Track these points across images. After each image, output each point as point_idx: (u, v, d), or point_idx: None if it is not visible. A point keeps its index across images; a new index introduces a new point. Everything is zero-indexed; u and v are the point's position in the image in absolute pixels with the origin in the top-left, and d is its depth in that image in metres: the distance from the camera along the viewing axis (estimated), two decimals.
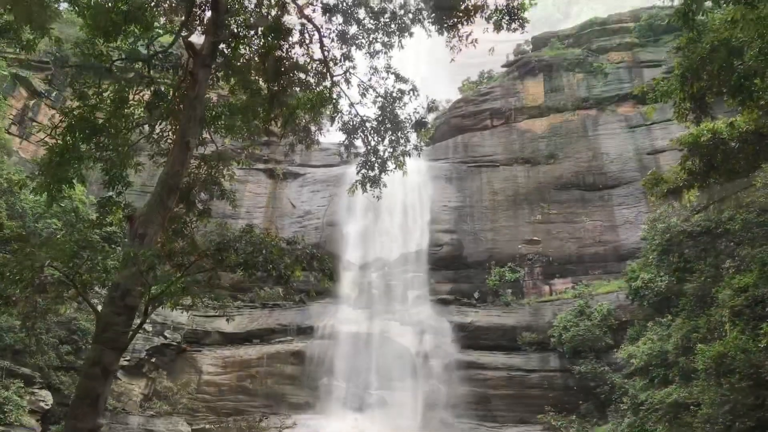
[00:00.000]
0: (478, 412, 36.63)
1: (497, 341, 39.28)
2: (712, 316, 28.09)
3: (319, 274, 15.39)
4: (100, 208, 17.11)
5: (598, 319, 36.90)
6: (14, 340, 32.11)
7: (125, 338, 14.02)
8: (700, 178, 18.05)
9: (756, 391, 23.43)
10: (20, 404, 30.69)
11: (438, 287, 42.81)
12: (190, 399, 37.03)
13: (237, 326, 39.63)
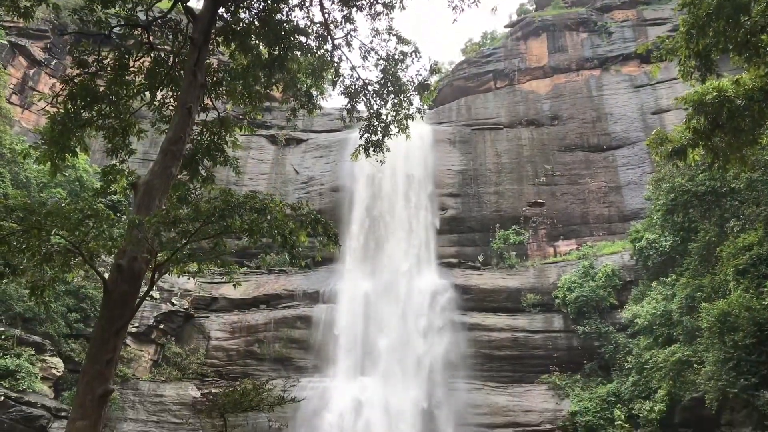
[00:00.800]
0: (483, 373, 37.04)
1: (502, 303, 39.53)
2: (717, 275, 28.21)
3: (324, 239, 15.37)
4: (104, 176, 17.06)
5: (602, 280, 37.05)
6: (24, 309, 32.48)
7: (132, 305, 14.13)
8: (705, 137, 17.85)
9: (759, 348, 23.66)
10: (32, 371, 31.17)
11: (442, 251, 42.92)
12: (199, 364, 37.51)
13: (244, 292, 39.92)
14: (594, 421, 32.54)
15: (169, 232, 13.24)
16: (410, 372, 36.83)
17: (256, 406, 13.30)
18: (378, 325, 38.41)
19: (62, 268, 14.56)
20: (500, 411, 35.29)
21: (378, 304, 39.17)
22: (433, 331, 38.09)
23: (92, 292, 35.33)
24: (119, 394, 34.27)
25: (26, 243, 13.63)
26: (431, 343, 37.78)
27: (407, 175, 44.56)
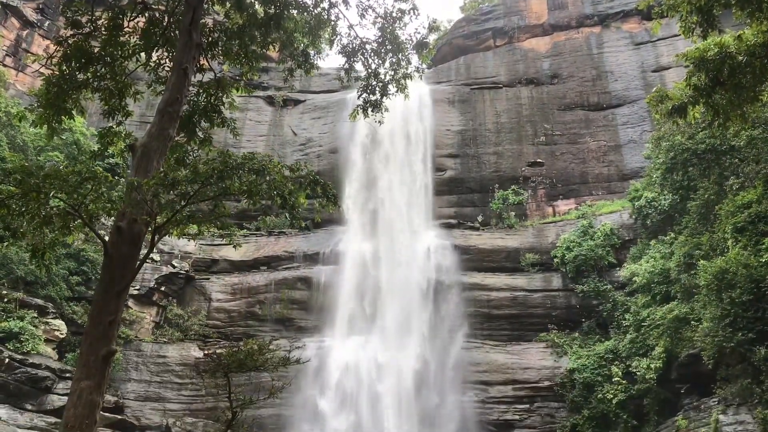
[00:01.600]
0: (483, 332, 37.42)
1: (501, 263, 39.73)
2: (715, 233, 28.32)
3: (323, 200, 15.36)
4: (101, 138, 16.99)
5: (601, 239, 37.19)
6: (25, 272, 32.65)
7: (133, 267, 14.19)
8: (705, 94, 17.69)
9: (756, 305, 23.89)
10: (36, 333, 31.49)
11: (442, 211, 42.96)
12: (201, 325, 37.86)
13: (244, 254, 40.06)
14: (592, 378, 32.98)
15: (168, 194, 13.23)
16: (410, 331, 37.21)
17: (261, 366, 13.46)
18: (378, 285, 38.65)
19: (62, 230, 14.59)
20: (499, 368, 35.74)
21: (377, 265, 39.36)
22: (432, 291, 38.34)
23: (93, 255, 35.46)
24: (122, 356, 34.66)
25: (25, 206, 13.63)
26: (430, 302, 38.07)
27: (406, 136, 44.36)
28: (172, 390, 35.16)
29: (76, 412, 12.65)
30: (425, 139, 44.54)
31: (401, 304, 37.95)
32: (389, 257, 39.61)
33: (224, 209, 14.89)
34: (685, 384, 28.99)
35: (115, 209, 14.37)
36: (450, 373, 35.60)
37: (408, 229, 41.25)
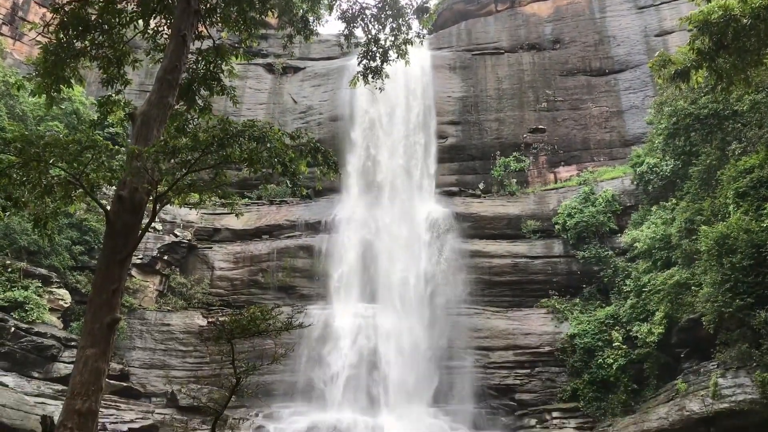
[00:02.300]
0: (484, 298, 37.64)
1: (502, 230, 39.80)
2: (716, 199, 28.30)
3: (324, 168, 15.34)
4: (100, 107, 16.90)
5: (602, 205, 37.19)
6: (28, 242, 32.78)
7: (135, 236, 14.24)
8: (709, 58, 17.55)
9: (756, 270, 23.98)
10: (40, 303, 31.73)
11: (443, 179, 42.89)
12: (204, 294, 38.09)
13: (246, 223, 40.15)
14: (592, 343, 33.26)
15: (169, 162, 13.21)
16: (411, 298, 37.44)
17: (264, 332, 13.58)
18: (379, 253, 38.77)
19: (63, 200, 14.61)
20: (500, 334, 36.03)
21: (379, 233, 39.43)
22: (434, 258, 38.48)
23: (95, 224, 35.56)
24: (126, 324, 34.96)
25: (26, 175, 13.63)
26: (432, 270, 38.23)
27: (407, 103, 44.08)
28: (177, 357, 35.52)
29: (82, 379, 12.81)
30: (426, 105, 44.29)
31: (402, 272, 38.11)
32: (390, 225, 39.66)
33: (225, 177, 14.89)
34: (685, 348, 29.24)
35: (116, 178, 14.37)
36: (451, 339, 35.88)
37: (409, 197, 41.24)
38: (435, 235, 39.14)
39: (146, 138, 14.50)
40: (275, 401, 33.52)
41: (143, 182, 13.96)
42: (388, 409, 33.48)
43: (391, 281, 37.92)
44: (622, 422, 30.04)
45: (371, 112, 43.66)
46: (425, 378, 34.97)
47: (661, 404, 28.42)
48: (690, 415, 25.84)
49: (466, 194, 41.94)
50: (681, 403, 26.66)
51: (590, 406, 32.39)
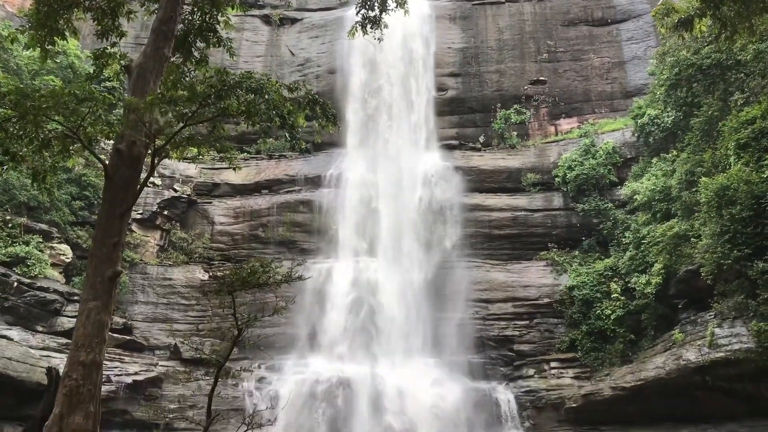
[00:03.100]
0: (483, 252, 37.81)
1: (502, 183, 39.74)
2: (717, 150, 28.21)
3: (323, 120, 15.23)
4: (95, 60, 16.68)
5: (602, 158, 37.07)
6: (28, 198, 32.78)
7: (134, 189, 14.21)
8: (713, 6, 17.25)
9: (756, 221, 24.05)
10: (42, 258, 31.88)
11: (443, 132, 42.62)
12: (205, 248, 38.24)
13: (245, 177, 40.07)
14: (591, 295, 33.56)
15: (166, 115, 13.10)
16: (411, 252, 37.61)
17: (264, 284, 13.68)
18: (379, 207, 38.78)
19: (61, 154, 14.55)
20: (499, 287, 36.32)
21: (379, 187, 39.37)
22: (434, 212, 38.51)
23: (94, 179, 35.49)
24: (128, 279, 35.20)
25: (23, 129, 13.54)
26: (432, 224, 38.29)
27: (406, 55, 43.46)
28: (179, 311, 35.87)
29: (86, 332, 12.95)
30: (426, 57, 43.69)
31: (402, 226, 38.20)
32: (390, 179, 39.57)
33: (223, 131, 14.79)
34: (683, 299, 29.53)
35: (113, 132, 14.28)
36: (450, 292, 36.17)
37: (409, 151, 41.03)
38: (435, 189, 39.09)
39: (143, 91, 14.35)
40: (277, 353, 33.98)
41: (141, 136, 13.87)
42: (388, 360, 33.95)
43: (391, 235, 38.02)
44: (619, 372, 30.52)
45: (370, 64, 43.12)
46: (424, 330, 35.39)
47: (658, 354, 28.83)
48: (686, 364, 26.24)
49: (466, 148, 41.72)
50: (678, 353, 27.05)
51: (588, 356, 32.87)
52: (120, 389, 30.60)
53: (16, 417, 26.35)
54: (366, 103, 42.53)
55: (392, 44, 40.49)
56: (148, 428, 28.03)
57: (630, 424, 29.23)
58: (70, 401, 12.54)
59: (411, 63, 43.33)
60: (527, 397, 32.73)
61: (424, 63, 43.44)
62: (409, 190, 39.30)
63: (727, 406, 26.21)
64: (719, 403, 26.37)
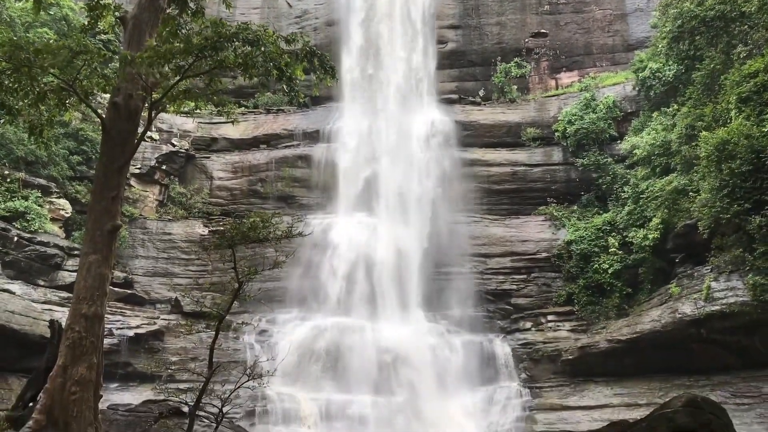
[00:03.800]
0: (482, 207, 37.83)
1: (501, 138, 39.55)
2: (719, 104, 28.04)
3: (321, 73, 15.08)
4: (89, 11, 16.41)
5: (603, 112, 36.84)
6: (25, 152, 32.65)
7: (132, 143, 14.18)
8: None
9: (755, 175, 24.06)
10: (41, 213, 31.93)
11: (443, 86, 42.19)
12: (204, 203, 38.24)
13: (243, 132, 39.85)
14: (588, 249, 33.75)
15: (163, 68, 12.97)
16: (410, 207, 37.62)
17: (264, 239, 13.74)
18: (378, 162, 38.65)
19: (57, 107, 14.47)
20: (498, 241, 36.50)
21: (378, 142, 39.19)
22: (433, 167, 38.41)
23: (92, 134, 35.28)
24: (128, 233, 35.30)
25: (18, 82, 13.44)
26: (431, 179, 38.23)
27: (405, 6, 42.73)
28: (179, 266, 36.09)
29: (86, 285, 13.08)
30: (425, 9, 42.95)
31: (401, 180, 38.12)
32: (389, 133, 39.35)
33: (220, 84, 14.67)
34: (680, 254, 29.73)
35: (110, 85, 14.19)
36: (449, 247, 36.32)
37: (408, 105, 40.70)
38: (434, 144, 38.92)
39: (138, 43, 14.20)
40: (277, 307, 34.32)
41: (137, 89, 13.78)
42: (387, 314, 34.29)
43: (390, 190, 37.98)
44: (615, 325, 30.93)
45: (368, 16, 42.45)
46: (423, 284, 35.63)
47: (654, 307, 29.17)
48: (682, 317, 26.58)
49: (466, 102, 41.37)
50: (674, 306, 27.36)
51: (585, 310, 33.25)
52: (122, 342, 31.01)
53: (21, 369, 26.74)
54: (365, 56, 41.99)
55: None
56: (150, 380, 28.38)
57: (624, 375, 29.77)
58: (73, 353, 12.75)
59: (410, 15, 42.64)
60: (524, 349, 33.22)
61: (423, 15, 42.72)
62: (408, 144, 39.10)
63: (721, 358, 26.65)
64: (713, 355, 26.80)
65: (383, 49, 41.92)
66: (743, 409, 24.76)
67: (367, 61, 41.80)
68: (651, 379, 28.92)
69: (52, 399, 12.60)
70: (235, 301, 15.08)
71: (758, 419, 24.46)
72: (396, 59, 41.64)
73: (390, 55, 41.75)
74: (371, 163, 38.60)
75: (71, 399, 12.49)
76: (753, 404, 25.04)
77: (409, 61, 41.76)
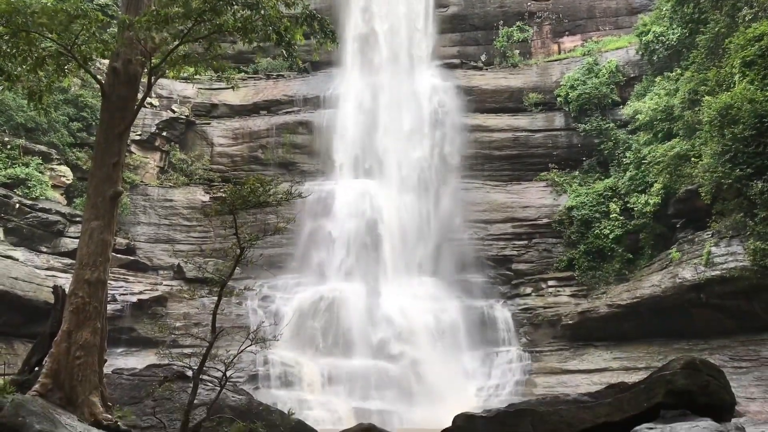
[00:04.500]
0: (483, 173, 37.79)
1: (503, 103, 39.29)
2: (723, 68, 27.77)
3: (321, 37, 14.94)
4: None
5: (605, 77, 36.53)
6: (25, 119, 32.51)
7: (132, 108, 14.12)
8: None
9: (758, 140, 23.95)
10: (42, 179, 31.92)
11: (444, 51, 41.78)
12: (205, 170, 38.21)
13: (243, 98, 39.62)
14: (589, 215, 33.79)
15: (161, 32, 12.86)
16: (411, 173, 37.58)
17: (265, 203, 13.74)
18: (379, 128, 38.49)
19: (56, 73, 14.36)
20: (499, 208, 36.54)
21: (379, 108, 38.95)
22: (434, 133, 38.25)
23: (91, 100, 35.09)
24: (130, 200, 35.34)
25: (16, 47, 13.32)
26: (432, 145, 38.11)
27: None
28: (181, 232, 36.23)
29: (89, 251, 13.14)
30: None
31: (403, 146, 38.01)
32: (390, 99, 39.09)
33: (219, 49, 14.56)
34: (681, 219, 29.78)
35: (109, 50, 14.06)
36: (450, 213, 36.40)
37: (409, 70, 40.36)
38: (435, 110, 38.70)
39: (137, 7, 14.06)
40: (279, 273, 34.54)
41: (136, 54, 13.68)
42: (388, 279, 34.51)
43: (391, 156, 37.90)
44: (615, 290, 31.12)
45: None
46: (424, 250, 35.82)
47: (654, 272, 29.30)
48: (682, 282, 26.69)
49: (468, 66, 40.99)
50: (674, 271, 27.47)
51: (585, 275, 33.42)
52: (125, 308, 31.27)
53: (25, 334, 27.02)
54: (365, 21, 41.50)
55: None
56: (154, 345, 28.70)
57: (624, 340, 30.03)
58: (77, 318, 12.87)
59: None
60: (524, 314, 33.50)
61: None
62: (409, 110, 38.88)
63: (720, 323, 26.82)
64: (712, 319, 26.97)
65: (384, 13, 41.41)
66: (741, 372, 24.99)
67: (368, 26, 41.34)
68: (650, 343, 29.18)
69: (57, 363, 12.75)
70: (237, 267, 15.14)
71: (755, 382, 24.71)
72: (397, 23, 41.17)
73: (391, 19, 41.26)
74: (372, 129, 38.43)
75: (76, 363, 12.64)
76: (751, 367, 25.26)
77: (410, 26, 41.30)
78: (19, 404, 10.87)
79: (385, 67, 40.23)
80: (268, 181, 13.93)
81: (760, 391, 24.42)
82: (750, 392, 24.31)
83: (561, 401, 7.46)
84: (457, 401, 25.70)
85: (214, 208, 15.12)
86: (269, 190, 13.43)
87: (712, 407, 6.70)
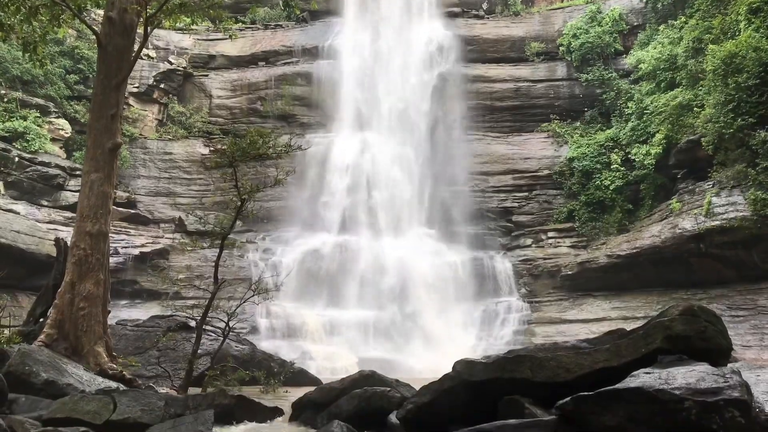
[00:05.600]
0: (484, 124, 37.54)
1: (505, 53, 38.79)
2: (728, 16, 27.31)
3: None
4: None
5: (608, 25, 35.98)
6: (21, 72, 32.17)
7: (129, 59, 13.94)
8: None
9: (761, 89, 23.74)
10: (41, 133, 31.76)
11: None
12: (204, 122, 37.94)
13: (241, 49, 39.09)
14: (591, 166, 33.71)
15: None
16: (411, 125, 37.30)
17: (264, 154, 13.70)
18: (379, 79, 38.07)
19: (51, 22, 14.17)
20: (500, 159, 36.42)
21: (378, 58, 38.47)
22: (434, 83, 37.83)
23: (88, 52, 34.65)
24: (129, 153, 35.22)
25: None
26: (432, 96, 37.73)
27: None
28: (181, 185, 36.19)
29: (90, 203, 13.15)
30: None
31: (402, 98, 37.64)
32: (390, 49, 38.56)
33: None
34: (682, 170, 29.70)
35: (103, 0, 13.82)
36: (451, 164, 36.28)
37: (409, 19, 39.70)
38: (436, 60, 38.21)
39: None
40: (280, 226, 34.67)
41: (132, 2, 13.46)
42: (389, 231, 34.60)
43: (391, 108, 37.57)
44: (615, 240, 31.25)
45: None
46: (424, 202, 35.82)
47: (654, 223, 29.38)
48: (682, 232, 26.78)
49: (469, 15, 40.32)
50: (674, 222, 27.54)
51: (585, 226, 33.52)
52: (127, 261, 31.49)
53: (29, 287, 27.22)
54: None
55: None
56: (157, 297, 28.99)
57: (623, 289, 30.32)
58: (80, 269, 12.96)
59: None
60: (524, 265, 33.70)
61: None
62: (410, 60, 38.39)
63: (719, 272, 27.01)
64: (711, 269, 27.15)
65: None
66: (738, 320, 25.29)
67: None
68: (649, 293, 29.45)
69: (62, 314, 12.89)
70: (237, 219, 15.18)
71: (751, 330, 25.02)
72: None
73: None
74: (372, 79, 38.02)
75: (80, 314, 12.78)
76: (748, 316, 25.55)
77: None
78: (26, 353, 11.03)
79: (385, 16, 39.58)
80: (268, 133, 13.84)
81: (756, 339, 24.76)
82: (746, 340, 24.65)
83: (560, 348, 7.55)
84: (457, 349, 26.03)
85: (214, 160, 15.07)
86: (269, 143, 13.36)
87: (709, 352, 6.79)
